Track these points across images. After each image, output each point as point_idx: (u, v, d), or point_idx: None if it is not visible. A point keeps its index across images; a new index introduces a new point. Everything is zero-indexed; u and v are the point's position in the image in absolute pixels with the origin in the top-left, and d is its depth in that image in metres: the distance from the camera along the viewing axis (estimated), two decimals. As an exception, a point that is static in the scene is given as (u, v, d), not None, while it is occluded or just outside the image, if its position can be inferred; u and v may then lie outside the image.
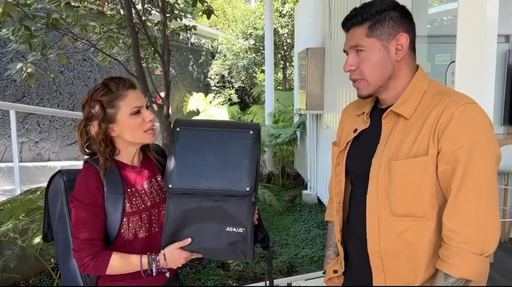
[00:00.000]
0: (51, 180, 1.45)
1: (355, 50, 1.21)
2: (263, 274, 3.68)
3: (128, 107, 1.35)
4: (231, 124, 1.48)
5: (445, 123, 1.10)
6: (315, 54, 5.14)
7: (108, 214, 1.35)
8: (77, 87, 6.82)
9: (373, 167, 1.21)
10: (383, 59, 1.19)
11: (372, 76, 1.20)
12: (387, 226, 1.19)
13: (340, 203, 1.36)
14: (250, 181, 1.33)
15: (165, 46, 3.62)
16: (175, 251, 1.35)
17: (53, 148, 6.47)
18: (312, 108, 5.22)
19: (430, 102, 1.16)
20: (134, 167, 1.45)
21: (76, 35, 3.54)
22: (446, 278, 1.09)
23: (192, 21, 9.30)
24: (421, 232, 1.16)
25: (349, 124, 1.37)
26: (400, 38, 1.18)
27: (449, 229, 1.09)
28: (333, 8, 4.68)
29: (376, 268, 1.23)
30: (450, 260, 1.08)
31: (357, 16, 1.19)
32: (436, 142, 1.12)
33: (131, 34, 3.54)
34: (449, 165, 1.10)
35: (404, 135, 1.17)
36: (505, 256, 3.51)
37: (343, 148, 1.34)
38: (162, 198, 1.44)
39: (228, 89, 12.61)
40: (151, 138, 1.41)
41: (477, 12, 2.04)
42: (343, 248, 1.39)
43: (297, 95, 6.62)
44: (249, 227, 1.35)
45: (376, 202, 1.20)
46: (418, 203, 1.15)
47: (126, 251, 1.36)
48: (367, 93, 1.24)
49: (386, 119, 1.23)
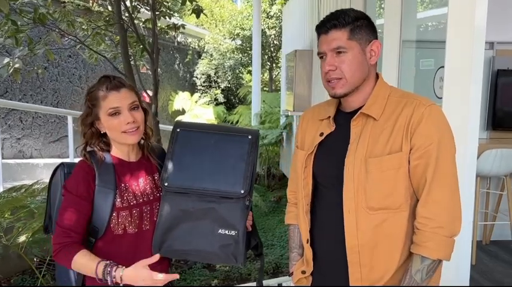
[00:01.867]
0: (54, 172, 1.49)
1: (335, 51, 1.27)
2: (249, 274, 3.69)
3: (106, 108, 1.38)
4: (230, 128, 1.49)
5: (417, 122, 1.22)
6: (303, 57, 5.17)
7: (97, 208, 1.36)
8: (61, 84, 6.71)
9: (347, 166, 1.28)
10: (362, 61, 1.28)
11: (352, 76, 1.27)
12: (364, 220, 1.26)
13: (309, 205, 1.39)
14: (246, 185, 1.34)
15: (154, 44, 3.59)
16: (141, 268, 1.28)
17: (36, 145, 6.35)
18: (299, 109, 5.25)
19: (397, 105, 1.28)
20: (131, 163, 1.46)
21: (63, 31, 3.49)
22: (423, 261, 1.21)
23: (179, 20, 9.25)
24: (396, 222, 1.26)
25: (311, 128, 1.43)
26: (374, 44, 1.30)
27: (424, 216, 1.21)
28: (322, 11, 4.72)
29: (352, 262, 1.28)
30: (426, 244, 1.20)
31: (338, 19, 1.26)
32: (409, 139, 1.23)
33: (120, 31, 3.51)
34: (423, 159, 1.22)
35: (377, 135, 1.27)
36: (487, 258, 3.59)
37: (310, 151, 1.38)
38: (157, 197, 1.44)
39: (214, 89, 12.58)
40: (130, 139, 1.40)
41: (466, 19, 2.09)
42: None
43: (284, 97, 6.65)
44: (242, 231, 1.35)
45: (354, 199, 1.26)
46: (393, 196, 1.25)
47: (114, 246, 1.37)
48: (343, 92, 1.29)
49: (356, 121, 1.31)
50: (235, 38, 12.15)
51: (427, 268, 1.21)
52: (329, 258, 1.37)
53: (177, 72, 11.78)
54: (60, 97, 6.66)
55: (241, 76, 13.02)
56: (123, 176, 1.42)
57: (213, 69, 12.51)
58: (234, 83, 12.82)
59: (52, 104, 6.51)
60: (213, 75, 12.60)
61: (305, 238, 1.41)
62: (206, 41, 12.68)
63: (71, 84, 6.95)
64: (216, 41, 12.49)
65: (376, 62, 1.32)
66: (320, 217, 1.39)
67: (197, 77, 12.49)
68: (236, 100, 12.72)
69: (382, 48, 1.35)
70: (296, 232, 1.50)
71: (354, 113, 1.33)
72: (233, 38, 12.22)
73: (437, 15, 3.70)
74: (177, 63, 11.69)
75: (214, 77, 12.66)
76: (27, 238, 2.51)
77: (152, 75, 3.49)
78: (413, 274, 1.22)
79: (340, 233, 1.29)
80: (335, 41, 1.26)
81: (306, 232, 1.40)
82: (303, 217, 1.40)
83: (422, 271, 1.21)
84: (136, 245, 1.39)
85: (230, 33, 12.21)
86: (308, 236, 1.40)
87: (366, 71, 1.30)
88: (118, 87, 1.39)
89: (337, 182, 1.30)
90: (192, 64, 12.53)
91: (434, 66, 3.24)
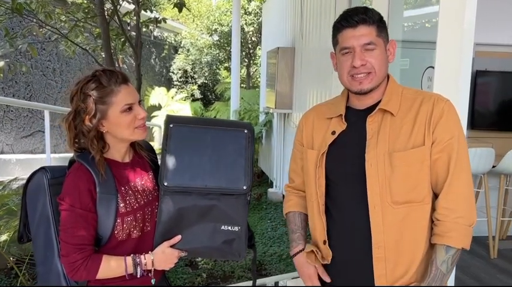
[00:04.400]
0: (31, 177, 1.35)
1: (364, 47, 1.28)
2: (232, 272, 3.67)
3: (120, 104, 1.28)
4: (224, 122, 1.44)
5: (438, 116, 1.26)
6: (285, 54, 5.17)
7: (100, 216, 1.27)
8: (34, 77, 6.50)
9: (368, 161, 1.27)
10: (386, 58, 1.33)
11: (379, 71, 1.30)
12: (389, 215, 1.27)
13: (324, 205, 1.37)
14: (247, 180, 1.33)
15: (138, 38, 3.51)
16: (167, 249, 1.31)
17: (7, 140, 6.13)
18: (281, 107, 5.26)
19: (413, 101, 1.31)
20: (125, 164, 1.38)
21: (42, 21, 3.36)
22: (448, 251, 1.24)
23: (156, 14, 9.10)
24: (419, 215, 1.29)
25: (320, 127, 1.42)
26: (392, 43, 1.34)
27: (445, 207, 1.25)
28: (305, 10, 4.73)
29: (378, 258, 1.28)
30: (449, 234, 1.24)
31: (367, 14, 1.28)
32: (431, 133, 1.26)
33: (102, 24, 3.40)
34: (445, 153, 1.25)
35: (397, 130, 1.28)
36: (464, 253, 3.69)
37: (324, 150, 1.36)
38: (155, 196, 1.39)
39: (191, 84, 12.45)
40: (142, 134, 1.35)
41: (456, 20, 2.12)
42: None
43: (264, 94, 6.64)
44: (244, 226, 1.35)
45: (379, 195, 1.26)
46: (417, 189, 1.27)
47: (117, 251, 1.30)
48: (370, 87, 1.31)
49: (372, 117, 1.32)
50: (213, 33, 12.05)
51: (452, 257, 1.24)
52: (348, 257, 1.35)
53: (153, 67, 11.60)
54: (33, 91, 6.44)
55: (218, 72, 12.94)
56: (121, 178, 1.34)
57: (190, 64, 12.37)
58: (210, 79, 12.72)
59: (25, 97, 6.30)
60: (189, 70, 12.46)
61: (321, 239, 1.38)
62: (183, 36, 12.53)
63: (45, 77, 6.74)
64: (193, 36, 12.35)
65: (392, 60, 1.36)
66: (337, 216, 1.36)
67: (174, 72, 12.33)
68: (213, 96, 12.64)
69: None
70: (297, 217, 1.51)
71: (367, 110, 1.34)
72: (210, 33, 12.12)
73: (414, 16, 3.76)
74: (153, 57, 11.51)
75: (191, 73, 12.53)
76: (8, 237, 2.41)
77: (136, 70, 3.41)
78: (439, 265, 1.24)
79: (363, 230, 1.28)
80: (365, 37, 1.27)
81: (323, 232, 1.37)
82: (319, 217, 1.38)
83: (448, 261, 1.23)
84: (139, 248, 1.34)
85: (208, 29, 12.10)
86: (325, 237, 1.37)
87: (387, 68, 1.34)
88: (127, 81, 1.31)
89: (357, 179, 1.29)
90: (168, 59, 12.36)
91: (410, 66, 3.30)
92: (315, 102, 4.36)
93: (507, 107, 4.24)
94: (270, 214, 5.27)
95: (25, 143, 6.37)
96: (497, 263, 3.65)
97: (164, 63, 12.20)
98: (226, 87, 10.97)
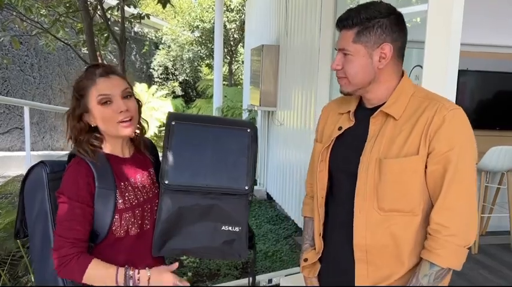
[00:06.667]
0: (29, 171, 1.32)
1: (342, 51, 1.26)
2: (218, 270, 3.65)
3: (95, 95, 1.27)
4: (227, 121, 1.44)
5: (437, 125, 1.18)
6: (270, 52, 5.16)
7: (98, 212, 1.25)
8: (11, 73, 6.31)
9: (361, 164, 1.25)
10: (365, 65, 1.24)
11: (353, 78, 1.26)
12: (374, 220, 1.24)
13: (323, 198, 1.38)
14: (249, 180, 1.32)
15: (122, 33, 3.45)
16: (166, 274, 1.26)
17: (-17, 137, 5.95)
18: (266, 105, 5.25)
19: (419, 105, 1.23)
20: (126, 159, 1.36)
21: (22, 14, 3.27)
22: (432, 267, 1.18)
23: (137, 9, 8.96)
24: (406, 225, 1.24)
25: (331, 121, 1.41)
26: (384, 47, 1.22)
27: (438, 223, 1.18)
28: (290, 6, 4.72)
29: (359, 260, 1.28)
30: (437, 251, 1.17)
31: (348, 19, 1.23)
32: (427, 143, 1.19)
33: (85, 19, 3.33)
34: (440, 165, 1.18)
35: (395, 135, 1.23)
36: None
37: (327, 144, 1.36)
38: (155, 193, 1.36)
39: (172, 81, 12.33)
40: (125, 131, 1.29)
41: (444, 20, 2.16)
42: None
43: (248, 91, 6.62)
44: (245, 226, 1.34)
45: (364, 198, 1.24)
46: (406, 199, 1.22)
47: (114, 249, 1.28)
48: (347, 91, 1.30)
49: (375, 118, 1.28)
50: (194, 30, 11.95)
51: (435, 274, 1.18)
52: (337, 252, 1.36)
53: (133, 63, 11.43)
54: (10, 86, 6.26)
55: (200, 69, 12.85)
56: (121, 174, 1.32)
57: (171, 61, 12.24)
58: (192, 76, 12.61)
59: (2, 93, 6.11)
60: (170, 67, 12.33)
61: (318, 231, 1.40)
62: (164, 32, 12.39)
63: (22, 73, 6.55)
64: (174, 32, 12.22)
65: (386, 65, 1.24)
66: (332, 211, 1.38)
67: (154, 68, 12.19)
68: (194, 93, 12.54)
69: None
70: (310, 224, 1.49)
71: (373, 109, 1.30)
72: (192, 30, 12.01)
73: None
74: (133, 53, 11.34)
75: (172, 69, 12.40)
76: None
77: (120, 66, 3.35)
78: (420, 278, 1.20)
79: (350, 230, 1.28)
80: (341, 42, 1.25)
81: (319, 225, 1.39)
82: (317, 210, 1.40)
83: (430, 276, 1.18)
84: (137, 247, 1.31)
85: (189, 25, 11.99)
86: (321, 230, 1.39)
87: (370, 75, 1.25)
88: (108, 73, 1.28)
89: (351, 179, 1.27)
90: (149, 55, 12.20)
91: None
92: (300, 100, 4.37)
93: (486, 106, 4.35)
94: (254, 212, 5.27)
95: (2, 140, 6.19)
96: (479, 258, 3.74)
97: (145, 59, 12.04)
98: (208, 84, 10.91)
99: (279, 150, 5.18)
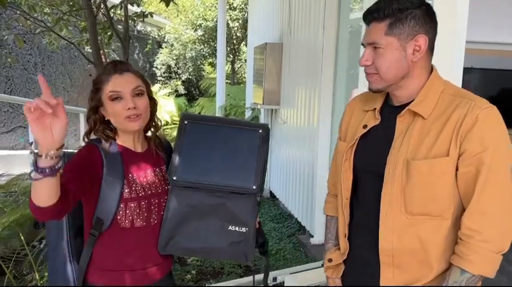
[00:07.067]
0: None
1: (372, 45, 1.19)
2: (222, 268, 3.65)
3: (106, 91, 1.33)
4: (239, 122, 1.45)
5: (470, 125, 1.11)
6: (273, 50, 5.15)
7: (104, 198, 1.29)
8: (15, 71, 6.33)
9: (388, 165, 1.20)
10: (399, 58, 1.17)
11: (385, 73, 1.19)
12: (401, 224, 1.19)
13: (348, 199, 1.33)
14: (257, 180, 1.30)
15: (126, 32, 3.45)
16: None
17: (-13, 136, 5.97)
18: (269, 103, 5.24)
19: (450, 104, 1.17)
20: (138, 153, 1.40)
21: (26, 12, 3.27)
22: (463, 274, 1.12)
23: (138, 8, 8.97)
24: (435, 229, 1.18)
25: (356, 119, 1.35)
26: (419, 39, 1.16)
27: (470, 227, 1.12)
28: (293, 5, 4.71)
29: (385, 263, 1.24)
30: (469, 257, 1.11)
31: (379, 11, 1.17)
32: (458, 144, 1.13)
33: (89, 17, 3.33)
34: (473, 167, 1.12)
35: (423, 135, 1.17)
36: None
37: (352, 143, 1.31)
38: (165, 189, 1.38)
39: (175, 80, 12.33)
40: (130, 125, 1.33)
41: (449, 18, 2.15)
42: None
43: (251, 90, 6.61)
44: (252, 228, 1.32)
45: (391, 201, 1.19)
46: (435, 202, 1.17)
47: (121, 241, 1.31)
48: (377, 88, 1.23)
49: (402, 117, 1.22)
50: (197, 28, 11.94)
51: (466, 281, 1.13)
52: (362, 255, 1.31)
53: (136, 61, 11.44)
54: (14, 85, 6.28)
55: (203, 68, 12.84)
56: (131, 166, 1.36)
57: (174, 59, 12.24)
58: (194, 75, 12.61)
59: (5, 92, 6.14)
60: (173, 66, 12.33)
61: (342, 233, 1.34)
62: (167, 31, 12.38)
63: (26, 71, 6.57)
64: (177, 31, 12.22)
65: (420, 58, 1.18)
66: (357, 213, 1.32)
67: (157, 67, 12.19)
68: (197, 92, 12.54)
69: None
70: (333, 223, 1.44)
71: (401, 107, 1.23)
72: (195, 28, 12.01)
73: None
74: (136, 52, 11.35)
75: (175, 68, 12.40)
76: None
77: (124, 64, 3.34)
78: (449, 284, 1.14)
79: (375, 233, 1.22)
80: (371, 35, 1.18)
81: (343, 226, 1.34)
82: (342, 211, 1.34)
83: (461, 283, 1.13)
84: (144, 240, 1.33)
85: (192, 24, 11.98)
86: (346, 231, 1.33)
87: (404, 69, 1.18)
88: (122, 71, 1.34)
89: (377, 180, 1.22)
90: (151, 54, 12.20)
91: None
92: (304, 98, 4.36)
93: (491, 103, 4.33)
94: (257, 210, 5.27)
95: (5, 138, 6.21)
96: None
97: (147, 58, 12.04)
98: (210, 83, 10.91)
99: (282, 148, 5.17)
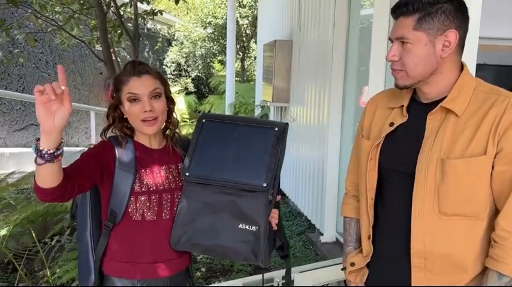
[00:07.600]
0: None
1: (400, 40, 1.15)
2: (231, 266, 3.66)
3: (125, 92, 1.36)
4: (258, 121, 1.45)
5: (508, 123, 1.09)
6: (282, 47, 5.12)
7: (116, 190, 1.34)
8: (27, 70, 6.40)
9: (419, 164, 1.16)
10: (428, 54, 1.13)
11: (413, 70, 1.15)
12: (434, 225, 1.15)
13: (373, 199, 1.28)
14: (269, 178, 1.28)
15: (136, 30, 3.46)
16: None
17: (0, 134, 6.04)
18: (278, 100, 5.23)
19: (484, 101, 1.14)
20: (153, 150, 1.43)
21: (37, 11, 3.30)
22: (501, 278, 1.09)
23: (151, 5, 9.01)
24: (470, 231, 1.15)
25: (380, 116, 1.30)
26: (449, 34, 1.12)
27: (505, 229, 1.09)
28: (303, 2, 4.69)
29: (416, 267, 1.19)
30: (506, 260, 1.08)
31: (408, 5, 1.13)
32: (495, 142, 1.10)
33: (99, 15, 3.34)
34: (510, 166, 1.10)
35: (457, 134, 1.14)
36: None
37: (378, 141, 1.26)
38: (179, 185, 1.40)
39: (185, 77, 12.36)
40: (147, 129, 1.36)
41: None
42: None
43: (260, 87, 6.60)
44: (263, 227, 1.29)
45: (424, 201, 1.16)
46: (471, 203, 1.14)
47: (134, 233, 1.35)
48: (404, 85, 1.19)
49: (434, 115, 1.18)
50: (207, 26, 11.95)
51: (506, 285, 1.09)
52: (389, 258, 1.27)
53: (146, 60, 11.48)
54: (26, 83, 6.34)
55: (212, 65, 12.86)
56: (145, 162, 1.39)
57: (184, 57, 12.27)
58: (204, 73, 12.64)
59: (18, 90, 6.21)
60: (183, 63, 12.37)
61: (366, 234, 1.30)
62: (176, 29, 12.41)
63: (38, 70, 6.64)
64: (187, 29, 12.24)
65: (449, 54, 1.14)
66: (383, 214, 1.28)
67: (167, 65, 12.23)
68: (207, 90, 12.57)
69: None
70: (353, 225, 1.39)
71: (430, 104, 1.19)
72: (205, 26, 12.02)
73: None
74: (146, 50, 11.40)
75: (185, 66, 12.44)
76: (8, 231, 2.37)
77: (134, 62, 3.35)
78: None
79: (406, 235, 1.18)
80: (399, 30, 1.14)
81: (368, 228, 1.29)
82: (366, 211, 1.29)
83: None
84: (156, 234, 1.36)
85: (201, 21, 12.00)
86: (370, 232, 1.29)
87: (432, 65, 1.15)
88: (140, 73, 1.36)
89: (407, 180, 1.18)
90: (162, 52, 12.24)
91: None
92: (314, 95, 4.33)
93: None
94: (267, 208, 5.26)
95: (18, 136, 6.28)
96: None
97: (157, 56, 12.09)
98: (220, 80, 10.91)
99: (292, 146, 5.15)
